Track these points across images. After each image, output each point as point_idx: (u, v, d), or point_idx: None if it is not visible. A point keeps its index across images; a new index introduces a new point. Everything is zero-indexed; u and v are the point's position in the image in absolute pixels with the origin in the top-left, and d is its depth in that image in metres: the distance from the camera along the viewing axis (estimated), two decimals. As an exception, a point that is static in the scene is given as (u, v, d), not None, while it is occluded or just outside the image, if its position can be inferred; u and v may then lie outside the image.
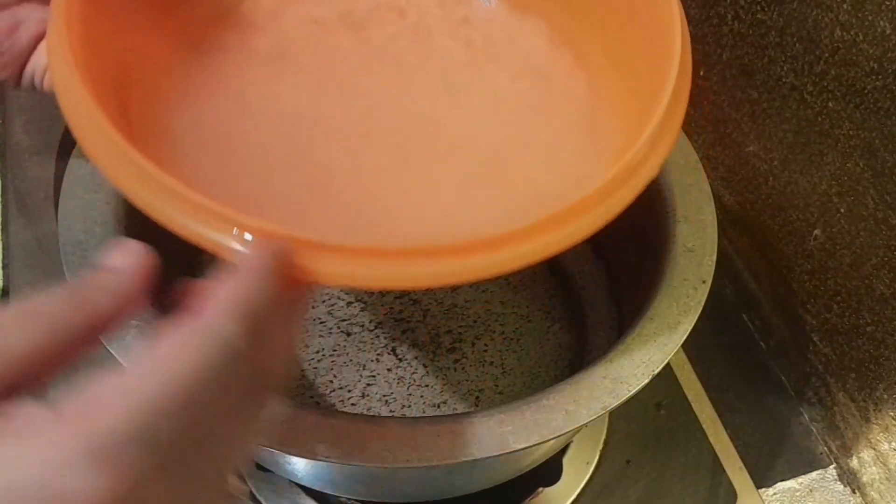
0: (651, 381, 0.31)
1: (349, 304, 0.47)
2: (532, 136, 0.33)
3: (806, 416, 0.51)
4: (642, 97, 0.30)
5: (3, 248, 0.51)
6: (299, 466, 0.37)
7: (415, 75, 0.34)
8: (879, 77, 0.37)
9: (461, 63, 0.35)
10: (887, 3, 0.36)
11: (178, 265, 0.45)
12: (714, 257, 0.35)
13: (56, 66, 0.25)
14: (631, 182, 0.26)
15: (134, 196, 0.23)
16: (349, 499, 0.41)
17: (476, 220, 0.29)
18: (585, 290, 0.48)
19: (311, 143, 0.31)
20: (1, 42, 0.29)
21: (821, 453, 0.50)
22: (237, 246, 0.21)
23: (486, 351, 0.46)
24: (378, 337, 0.46)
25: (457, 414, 0.31)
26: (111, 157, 0.23)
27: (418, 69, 0.34)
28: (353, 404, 0.43)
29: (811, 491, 0.49)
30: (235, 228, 0.21)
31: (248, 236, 0.21)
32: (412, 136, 0.32)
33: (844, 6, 0.38)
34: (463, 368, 0.45)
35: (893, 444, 0.44)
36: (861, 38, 0.38)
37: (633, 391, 0.31)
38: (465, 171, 0.31)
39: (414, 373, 0.45)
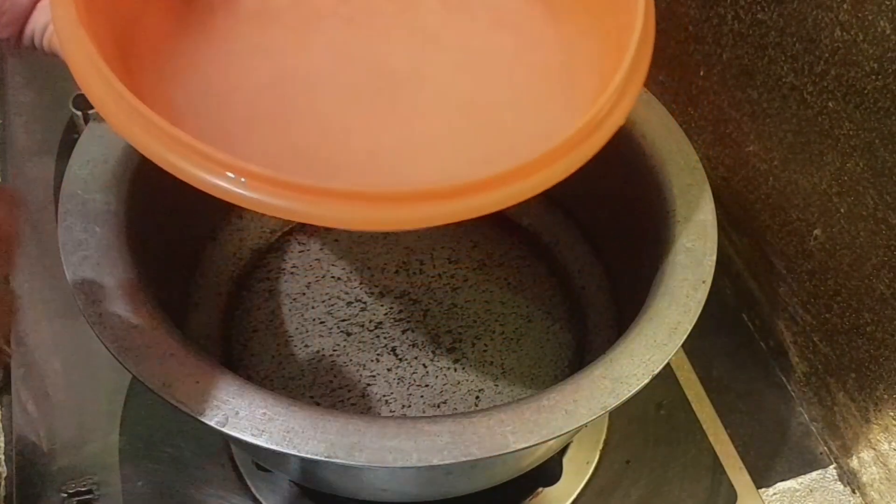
0: (651, 381, 0.31)
1: (349, 304, 0.47)
2: (507, 85, 0.34)
3: (806, 416, 0.51)
4: (611, 47, 0.31)
5: (3, 248, 0.51)
6: (299, 466, 0.37)
7: (394, 29, 0.35)
8: (879, 77, 0.37)
9: (438, 16, 0.36)
10: (887, 3, 0.36)
11: (178, 265, 0.45)
12: (714, 257, 0.35)
13: (61, 24, 0.26)
14: (601, 129, 0.28)
15: (145, 148, 0.25)
16: (349, 499, 0.41)
17: (457, 166, 0.30)
18: (585, 290, 0.48)
19: (299, 95, 0.32)
20: (2, 3, 0.30)
21: (821, 453, 0.50)
22: (233, 188, 0.24)
23: (486, 351, 0.46)
24: (378, 337, 0.46)
25: (457, 414, 0.31)
26: (118, 109, 0.25)
27: (397, 23, 0.36)
28: (353, 404, 0.43)
29: (811, 491, 0.49)
30: (229, 172, 0.24)
31: (242, 179, 0.24)
32: (394, 87, 0.33)
33: (844, 6, 0.38)
34: (463, 368, 0.45)
35: (893, 444, 0.44)
36: (861, 38, 0.38)
37: (633, 391, 0.31)
38: (445, 120, 0.32)
39: (414, 373, 0.45)
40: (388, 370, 0.45)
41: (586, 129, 0.28)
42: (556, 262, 0.50)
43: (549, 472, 0.44)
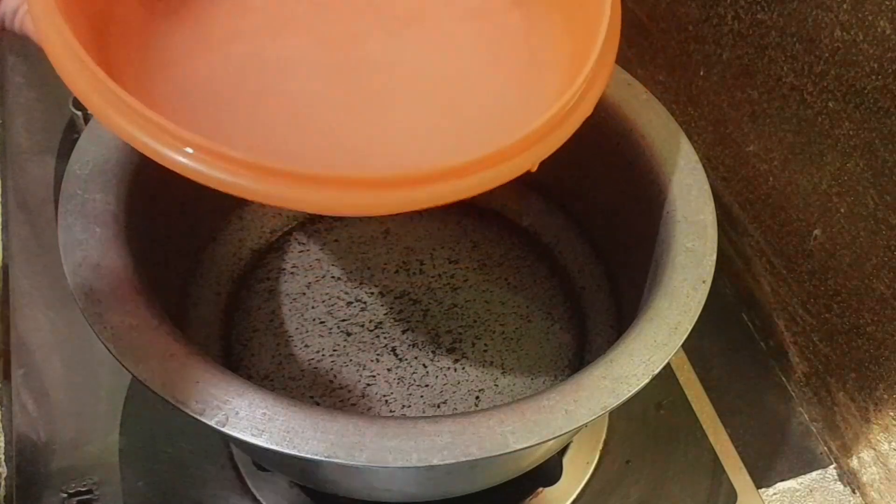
0: (651, 381, 0.31)
1: (349, 304, 0.47)
2: (478, 73, 0.35)
3: (806, 416, 0.51)
4: (579, 35, 0.32)
5: (3, 248, 0.51)
6: (299, 466, 0.37)
7: (369, 15, 0.36)
8: (879, 77, 0.37)
9: (412, 2, 0.37)
10: (887, 3, 0.36)
11: (178, 265, 0.45)
12: (714, 257, 0.35)
13: (36, 9, 0.27)
14: (570, 119, 0.29)
15: (120, 130, 0.26)
16: (349, 499, 0.41)
17: (432, 152, 0.31)
18: (585, 290, 0.48)
19: (274, 80, 0.33)
20: None
21: (821, 453, 0.50)
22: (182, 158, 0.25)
23: (486, 351, 0.46)
24: (378, 337, 0.46)
25: (457, 414, 0.31)
26: (87, 84, 0.26)
27: (369, 11, 0.36)
28: (353, 404, 0.43)
29: (811, 491, 0.49)
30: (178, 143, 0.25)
31: (189, 150, 0.25)
32: (368, 74, 0.34)
33: (844, 6, 0.38)
34: (463, 368, 0.45)
35: (893, 444, 0.44)
36: (861, 38, 0.38)
37: (633, 391, 0.31)
38: (419, 106, 0.33)
39: (414, 373, 0.45)
40: (388, 370, 0.45)
41: (554, 120, 0.29)
42: (556, 262, 0.50)
43: (549, 472, 0.44)
